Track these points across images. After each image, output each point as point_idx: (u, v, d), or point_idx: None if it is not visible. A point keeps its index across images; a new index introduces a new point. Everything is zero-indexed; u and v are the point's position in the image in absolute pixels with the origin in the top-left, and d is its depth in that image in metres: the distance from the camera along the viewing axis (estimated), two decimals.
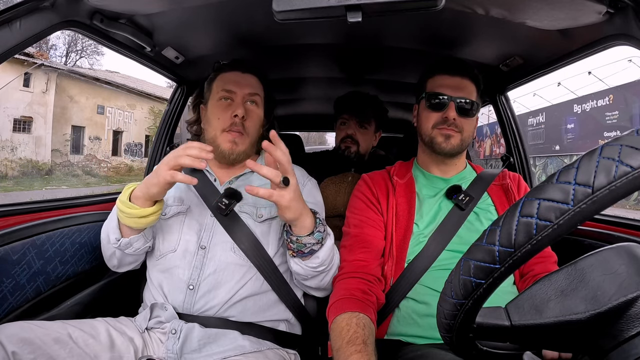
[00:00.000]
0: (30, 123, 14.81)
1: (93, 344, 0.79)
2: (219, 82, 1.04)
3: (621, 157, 0.30)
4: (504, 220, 0.35)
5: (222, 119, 0.99)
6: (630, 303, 0.36)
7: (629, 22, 0.80)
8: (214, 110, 1.02)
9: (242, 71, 1.05)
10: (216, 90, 1.03)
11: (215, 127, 1.00)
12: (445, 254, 0.90)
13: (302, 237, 0.82)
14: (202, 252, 0.92)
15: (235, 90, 1.01)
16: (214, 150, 1.02)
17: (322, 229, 0.84)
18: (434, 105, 0.99)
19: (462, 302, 0.38)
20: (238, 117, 0.98)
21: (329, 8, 0.64)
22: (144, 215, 0.84)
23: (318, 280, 0.90)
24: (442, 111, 0.98)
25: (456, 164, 1.05)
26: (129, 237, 0.90)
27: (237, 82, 1.02)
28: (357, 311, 0.79)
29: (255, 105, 1.04)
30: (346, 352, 0.70)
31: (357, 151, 1.56)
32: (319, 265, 0.86)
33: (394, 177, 1.04)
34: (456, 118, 0.97)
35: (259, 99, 1.05)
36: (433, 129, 0.99)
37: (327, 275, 0.91)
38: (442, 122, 0.98)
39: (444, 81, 0.99)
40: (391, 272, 0.92)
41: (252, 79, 1.05)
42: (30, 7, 0.77)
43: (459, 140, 0.98)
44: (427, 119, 1.00)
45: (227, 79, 1.04)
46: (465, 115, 0.98)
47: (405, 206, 0.98)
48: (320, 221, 0.84)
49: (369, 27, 1.16)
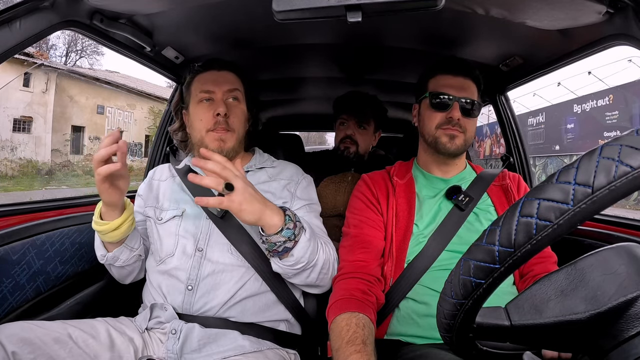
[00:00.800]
0: (30, 123, 14.81)
1: (93, 344, 0.79)
2: (197, 84, 1.03)
3: (621, 157, 0.30)
4: (504, 220, 0.35)
5: (205, 119, 0.99)
6: (630, 303, 0.36)
7: (629, 22, 0.80)
8: (195, 112, 1.01)
9: (218, 69, 1.04)
10: (195, 93, 1.02)
11: (199, 129, 1.00)
12: (445, 254, 0.90)
13: (270, 236, 0.79)
14: (200, 254, 0.92)
15: (214, 89, 1.00)
16: None
17: (291, 226, 0.80)
18: (437, 105, 0.99)
19: (462, 302, 0.38)
20: (220, 115, 0.97)
21: (329, 8, 0.64)
22: (115, 227, 0.87)
23: (303, 278, 0.88)
24: (446, 111, 0.98)
25: (457, 164, 1.05)
26: (113, 251, 0.93)
27: (214, 81, 1.01)
28: (357, 311, 0.79)
29: (237, 101, 1.03)
30: (345, 352, 0.70)
31: (357, 151, 1.56)
32: (295, 263, 0.83)
33: (394, 178, 1.04)
34: (460, 118, 0.97)
35: (239, 94, 1.04)
36: (437, 129, 0.99)
37: (312, 272, 0.87)
38: (447, 123, 0.97)
39: (447, 81, 0.99)
40: (391, 272, 0.92)
41: (230, 75, 1.04)
42: (30, 7, 0.77)
43: (463, 140, 0.99)
44: (431, 119, 1.00)
45: (204, 79, 1.03)
46: (468, 116, 0.98)
47: (405, 206, 0.98)
48: (290, 218, 0.80)
49: (369, 27, 1.16)
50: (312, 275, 0.88)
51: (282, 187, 1.03)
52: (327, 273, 0.91)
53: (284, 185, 1.04)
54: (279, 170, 1.08)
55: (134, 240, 0.95)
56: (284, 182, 1.04)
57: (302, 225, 0.83)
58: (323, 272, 0.89)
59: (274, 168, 1.09)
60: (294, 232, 0.80)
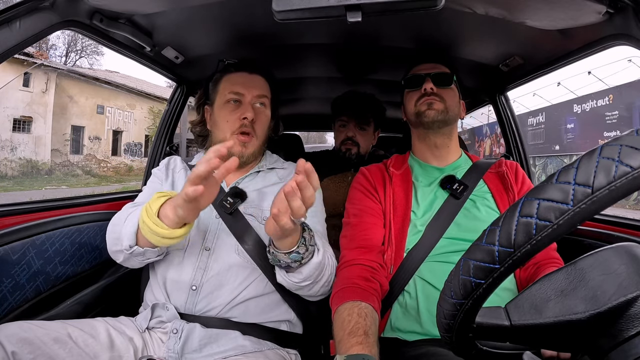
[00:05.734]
0: (30, 123, 14.81)
1: (93, 343, 0.79)
2: (226, 83, 1.02)
3: (621, 157, 0.30)
4: (504, 220, 0.35)
5: (231, 121, 0.99)
6: (630, 303, 0.36)
7: (629, 22, 0.80)
8: (221, 112, 1.01)
9: (250, 72, 1.03)
10: (223, 92, 1.02)
11: (224, 130, 0.99)
12: (443, 242, 0.91)
13: (278, 252, 0.77)
14: (207, 253, 0.92)
15: (244, 92, 1.00)
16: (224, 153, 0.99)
17: (302, 250, 0.77)
18: (412, 84, 1.06)
19: (461, 302, 0.38)
20: (247, 119, 0.97)
21: (329, 8, 0.64)
22: (171, 237, 0.77)
23: (305, 291, 0.87)
24: (420, 87, 1.03)
25: (449, 148, 1.06)
26: (144, 248, 0.84)
27: (244, 84, 1.01)
28: (359, 300, 0.78)
29: (264, 107, 1.03)
30: (347, 344, 0.70)
31: (358, 152, 1.57)
32: (302, 280, 0.82)
33: (390, 168, 1.05)
34: (434, 88, 1.01)
35: (267, 100, 1.04)
36: (416, 105, 1.03)
37: (315, 286, 0.86)
38: (422, 96, 1.02)
39: (419, 68, 1.07)
40: (391, 260, 0.92)
41: (260, 79, 1.04)
42: (30, 7, 0.77)
43: (443, 107, 1.01)
44: (409, 99, 1.06)
45: (234, 80, 1.02)
46: (443, 85, 1.03)
47: (402, 194, 0.99)
48: (304, 242, 0.76)
49: (369, 27, 1.16)
50: (315, 288, 0.87)
51: None
52: (327, 286, 0.88)
53: None
54: (289, 172, 1.08)
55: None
56: None
57: (316, 248, 0.80)
58: (325, 286, 0.88)
59: (284, 169, 1.09)
60: (303, 256, 0.78)
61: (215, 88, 1.05)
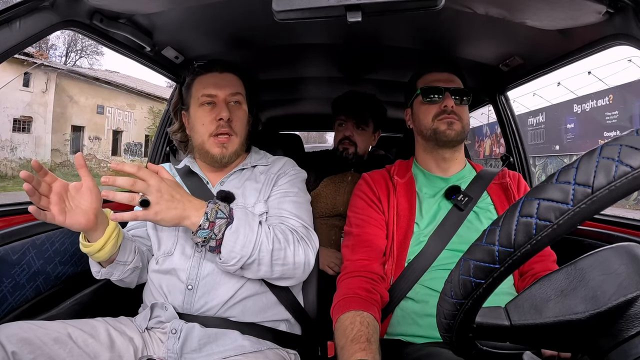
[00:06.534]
0: (30, 123, 14.80)
1: (93, 343, 0.79)
2: (198, 85, 1.01)
3: (621, 157, 0.30)
4: (504, 220, 0.35)
5: (207, 124, 0.98)
6: (630, 303, 0.36)
7: (628, 22, 0.80)
8: (197, 115, 1.00)
9: (220, 71, 1.02)
10: (196, 95, 1.01)
11: (201, 133, 0.99)
12: (445, 254, 0.90)
13: (193, 237, 0.79)
14: (199, 254, 0.92)
15: (216, 92, 0.99)
16: (205, 155, 1.00)
17: (207, 226, 0.77)
18: (430, 98, 1.03)
19: (461, 302, 0.38)
20: (223, 120, 0.96)
21: (329, 8, 0.64)
22: (98, 248, 0.81)
23: (254, 273, 0.85)
24: (439, 102, 1.01)
25: (456, 160, 1.06)
26: (107, 267, 0.89)
27: (216, 84, 1.00)
28: (361, 309, 0.79)
29: (239, 105, 1.02)
30: (350, 350, 0.70)
31: (355, 152, 1.56)
32: (227, 259, 0.81)
33: (395, 177, 1.04)
34: (454, 106, 1.00)
35: (241, 97, 1.03)
36: (434, 121, 1.01)
37: (261, 266, 0.83)
38: (442, 112, 1.00)
39: (435, 77, 1.04)
40: (391, 271, 0.92)
41: (232, 77, 1.03)
42: (30, 7, 0.77)
43: (461, 127, 1.01)
44: (426, 113, 1.03)
45: (205, 82, 1.01)
46: (460, 103, 1.03)
47: (406, 205, 0.98)
48: (207, 218, 0.78)
49: (369, 27, 1.16)
50: (264, 269, 0.84)
51: (270, 180, 1.02)
52: (285, 264, 0.85)
53: (272, 178, 1.02)
54: (271, 166, 1.07)
55: (126, 254, 0.90)
56: (272, 176, 1.03)
57: (228, 220, 0.80)
58: (279, 264, 0.85)
59: (267, 166, 1.08)
60: (213, 231, 0.78)
61: (188, 92, 1.04)
